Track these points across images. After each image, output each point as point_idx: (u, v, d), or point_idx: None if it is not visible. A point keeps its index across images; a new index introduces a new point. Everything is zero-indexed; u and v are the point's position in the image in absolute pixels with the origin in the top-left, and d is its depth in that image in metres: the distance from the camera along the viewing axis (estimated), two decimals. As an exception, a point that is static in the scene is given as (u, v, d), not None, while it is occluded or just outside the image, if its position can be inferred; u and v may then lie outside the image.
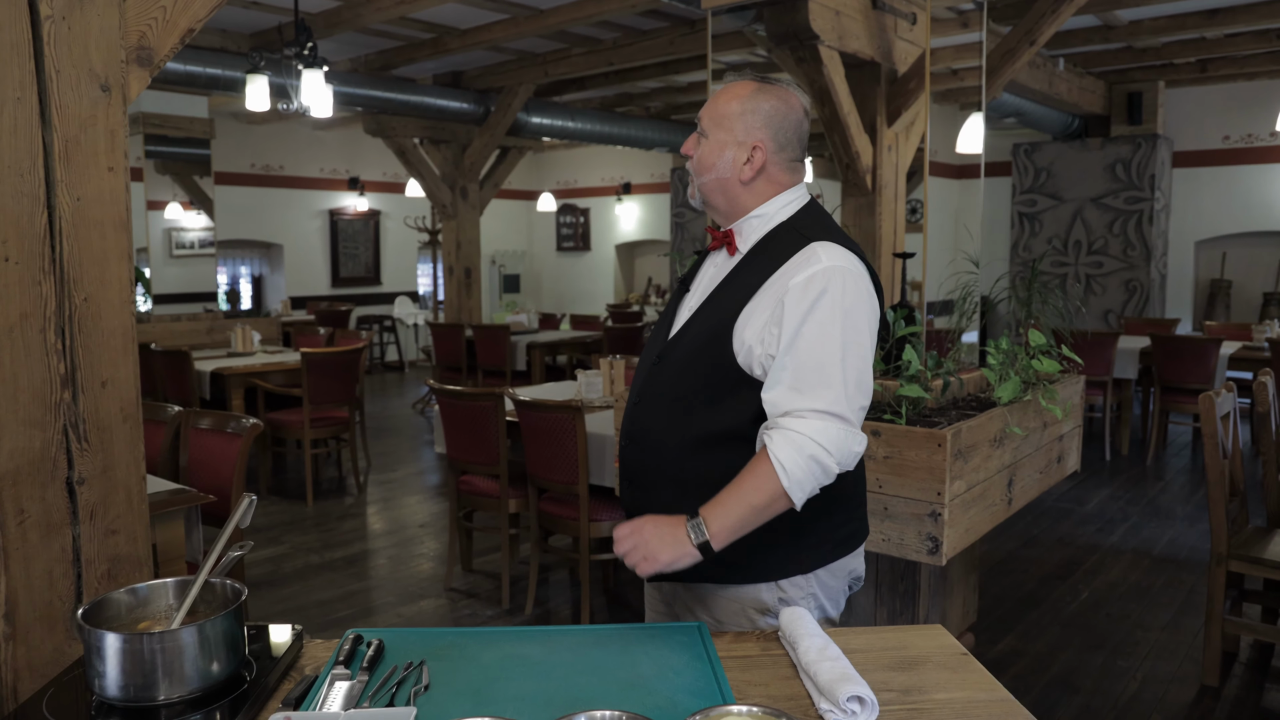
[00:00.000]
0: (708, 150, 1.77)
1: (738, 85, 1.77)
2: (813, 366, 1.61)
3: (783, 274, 1.67)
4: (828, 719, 1.34)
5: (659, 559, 1.59)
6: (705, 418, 1.72)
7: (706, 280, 1.82)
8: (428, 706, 1.37)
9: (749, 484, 1.60)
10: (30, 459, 2.00)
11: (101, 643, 1.33)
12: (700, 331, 1.74)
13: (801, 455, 1.58)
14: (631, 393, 1.87)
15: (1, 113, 1.91)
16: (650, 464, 1.79)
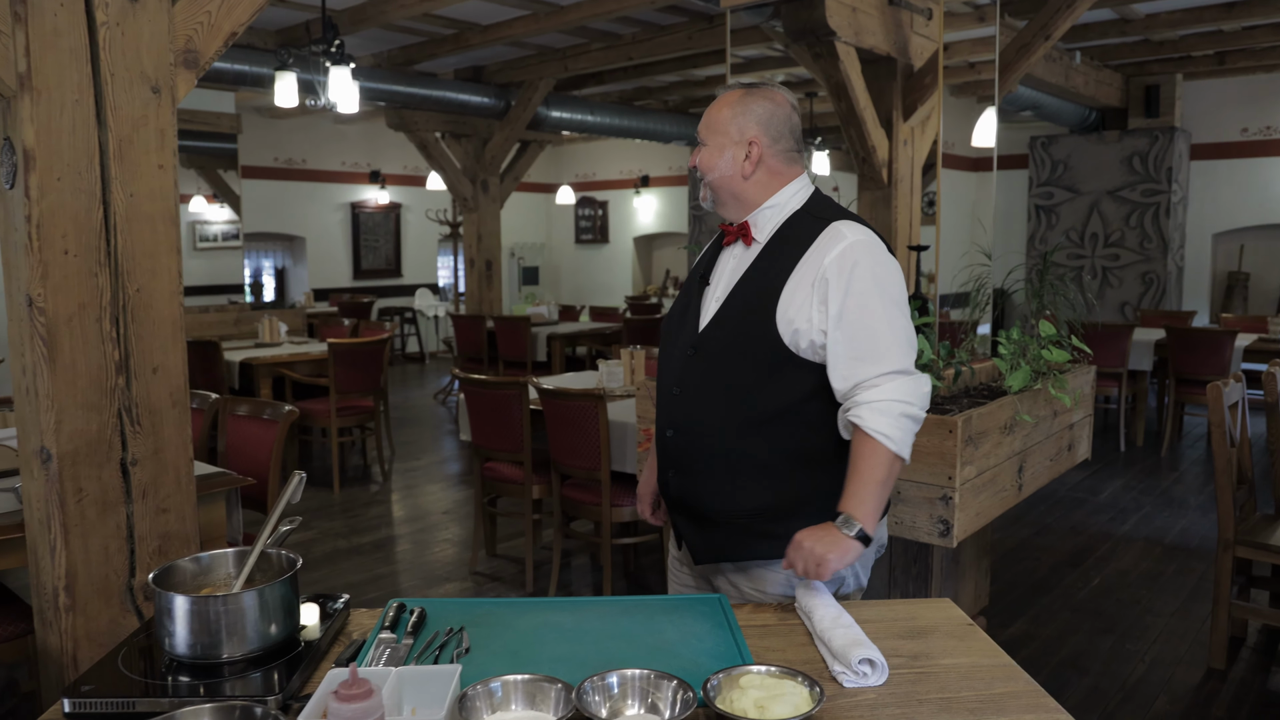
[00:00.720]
0: (708, 155, 1.90)
1: (726, 94, 1.92)
2: (866, 336, 1.75)
3: (813, 255, 1.79)
4: (841, 680, 1.45)
5: (829, 560, 1.70)
6: (753, 400, 1.82)
7: (728, 271, 1.92)
8: (470, 667, 1.48)
9: (865, 466, 1.73)
10: (88, 441, 2.13)
11: (172, 604, 1.45)
12: (737, 319, 1.84)
13: (893, 417, 1.72)
14: (668, 384, 1.95)
15: (62, 114, 2.04)
16: (700, 450, 1.88)
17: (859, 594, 1.95)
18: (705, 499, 1.88)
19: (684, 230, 13.49)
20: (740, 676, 1.36)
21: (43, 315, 2.03)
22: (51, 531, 2.11)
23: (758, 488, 1.84)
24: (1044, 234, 10.07)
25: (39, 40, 1.98)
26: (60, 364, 2.07)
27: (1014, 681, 1.47)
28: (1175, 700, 3.23)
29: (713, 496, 1.87)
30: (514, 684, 1.35)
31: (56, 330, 2.05)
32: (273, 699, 1.36)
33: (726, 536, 1.88)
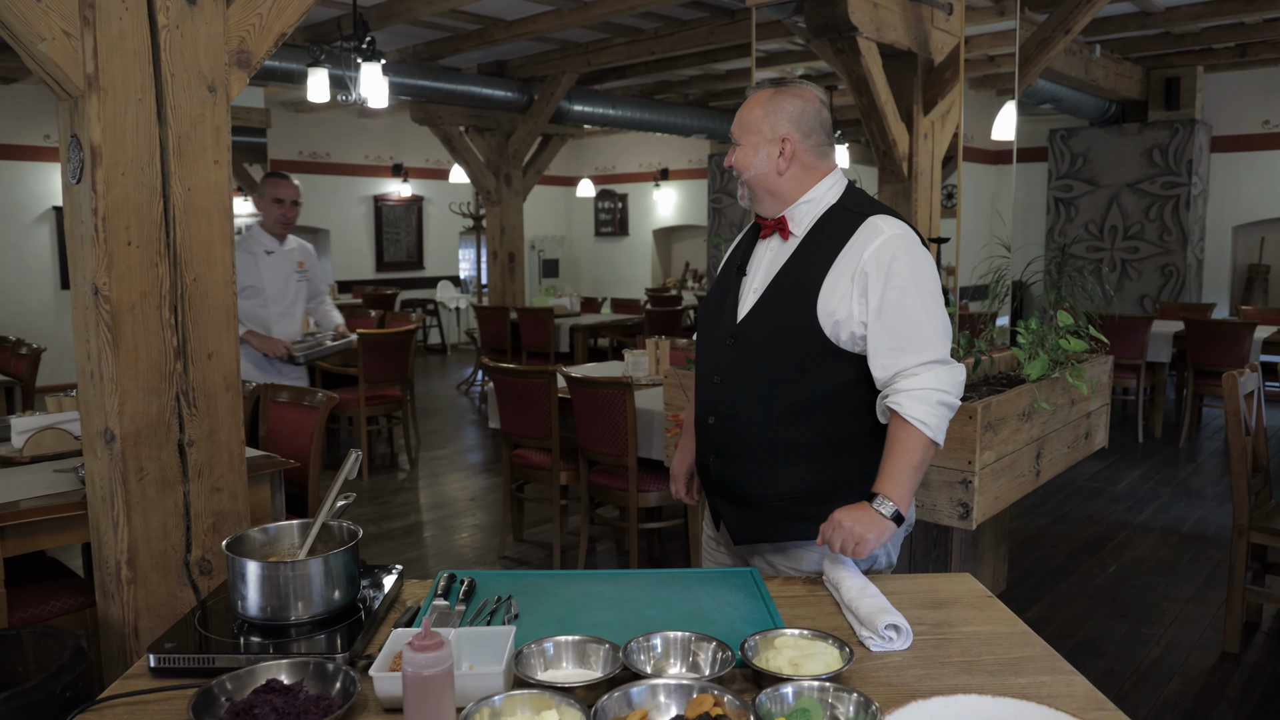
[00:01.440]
0: (743, 154, 1.97)
1: (758, 94, 1.99)
2: (905, 327, 1.83)
3: (851, 249, 1.86)
4: (868, 644, 1.55)
5: (868, 539, 1.78)
6: (794, 389, 1.90)
7: (765, 264, 1.99)
8: (520, 630, 1.58)
9: (901, 451, 1.82)
10: (148, 422, 2.24)
11: (244, 569, 1.57)
12: (777, 309, 1.92)
13: (930, 405, 1.81)
14: (708, 373, 2.03)
15: (126, 113, 2.15)
16: (741, 436, 1.97)
17: (889, 570, 2.04)
18: (746, 483, 1.97)
19: (703, 223, 13.57)
20: (775, 638, 1.47)
21: (108, 303, 2.15)
22: (114, 508, 2.23)
23: (797, 472, 1.93)
24: (1063, 227, 10.10)
25: (106, 43, 2.09)
26: (123, 349, 2.18)
27: (1031, 647, 1.57)
28: (1189, 682, 3.31)
29: (753, 481, 1.96)
30: (565, 644, 1.46)
31: (120, 317, 2.17)
32: (340, 656, 1.47)
33: (766, 518, 1.97)
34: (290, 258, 4.43)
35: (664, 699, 1.28)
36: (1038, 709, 1.25)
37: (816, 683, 1.30)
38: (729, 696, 1.25)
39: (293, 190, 4.35)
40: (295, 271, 4.44)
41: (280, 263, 4.38)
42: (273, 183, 4.31)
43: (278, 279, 4.36)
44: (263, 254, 4.32)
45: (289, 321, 4.44)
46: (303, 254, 4.52)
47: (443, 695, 1.19)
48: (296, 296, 4.46)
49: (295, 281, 4.44)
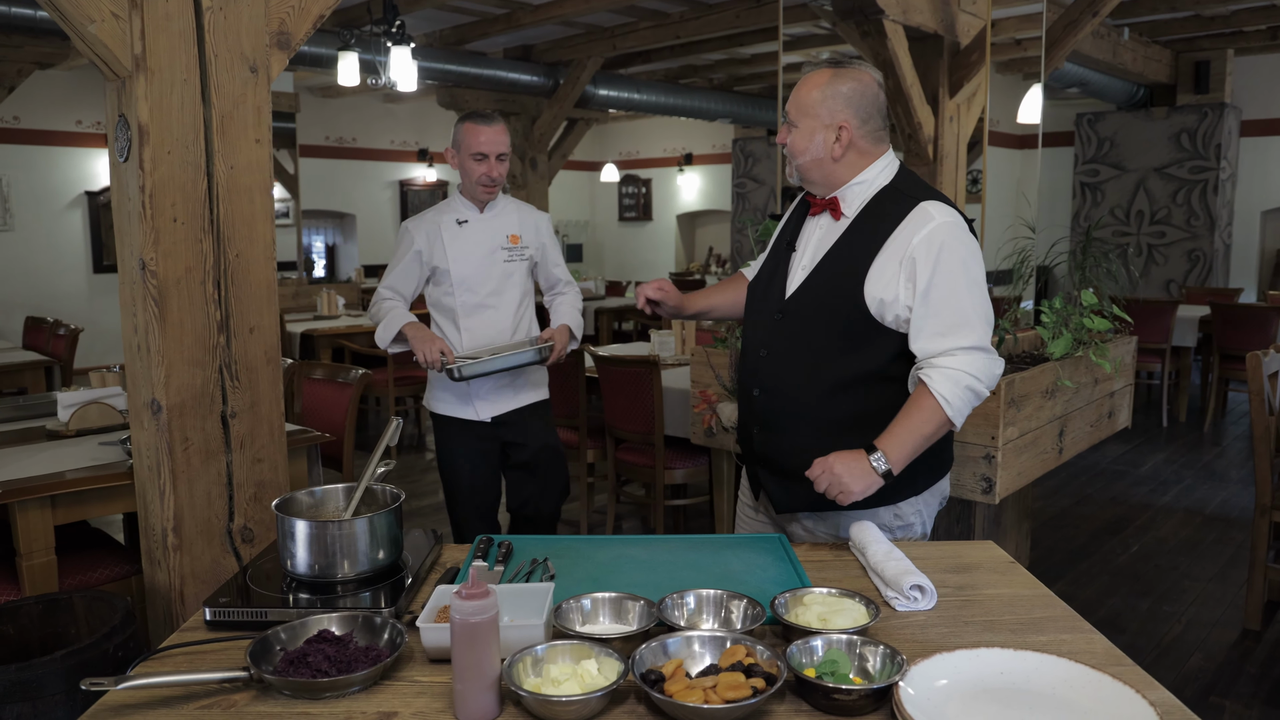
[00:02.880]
0: (799, 137, 1.96)
1: (815, 75, 1.97)
2: (950, 312, 1.85)
3: (901, 233, 1.88)
4: (894, 604, 1.60)
5: (852, 490, 1.82)
6: (839, 364, 1.95)
7: (815, 242, 2.01)
8: (557, 589, 1.64)
9: (917, 417, 1.85)
10: (193, 394, 2.32)
11: (294, 528, 1.64)
12: (825, 288, 1.95)
13: (959, 387, 1.84)
14: (755, 346, 2.07)
15: (171, 92, 2.22)
16: (786, 409, 2.01)
17: (924, 539, 2.09)
18: (789, 454, 2.01)
19: (727, 208, 13.57)
20: (804, 596, 1.52)
21: (154, 278, 2.22)
22: (161, 477, 2.30)
23: (839, 444, 1.93)
24: (1089, 211, 10.04)
25: (153, 24, 2.16)
26: (169, 323, 2.25)
27: (1052, 608, 1.61)
28: (1210, 658, 3.34)
29: (797, 452, 1.99)
30: (602, 600, 1.52)
31: (166, 292, 2.24)
32: (387, 611, 1.54)
33: (808, 488, 1.97)
34: (494, 229, 3.12)
35: (698, 649, 1.34)
36: (1058, 661, 1.30)
37: (845, 636, 1.36)
38: (760, 647, 1.31)
39: (495, 137, 3.01)
40: (504, 247, 3.12)
41: (477, 235, 3.10)
42: (467, 129, 3.02)
43: (470, 257, 3.09)
44: (452, 224, 3.11)
45: (492, 318, 3.13)
46: (520, 223, 3.18)
47: (489, 642, 1.25)
48: (505, 282, 3.13)
49: (503, 261, 3.11)
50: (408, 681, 1.36)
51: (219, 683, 1.34)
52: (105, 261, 9.93)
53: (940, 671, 1.28)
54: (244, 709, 1.29)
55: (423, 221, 3.13)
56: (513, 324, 3.16)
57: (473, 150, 3.00)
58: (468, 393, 3.12)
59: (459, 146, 3.03)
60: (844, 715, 1.24)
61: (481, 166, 3.01)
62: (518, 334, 3.18)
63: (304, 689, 1.30)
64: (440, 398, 3.18)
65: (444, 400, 3.17)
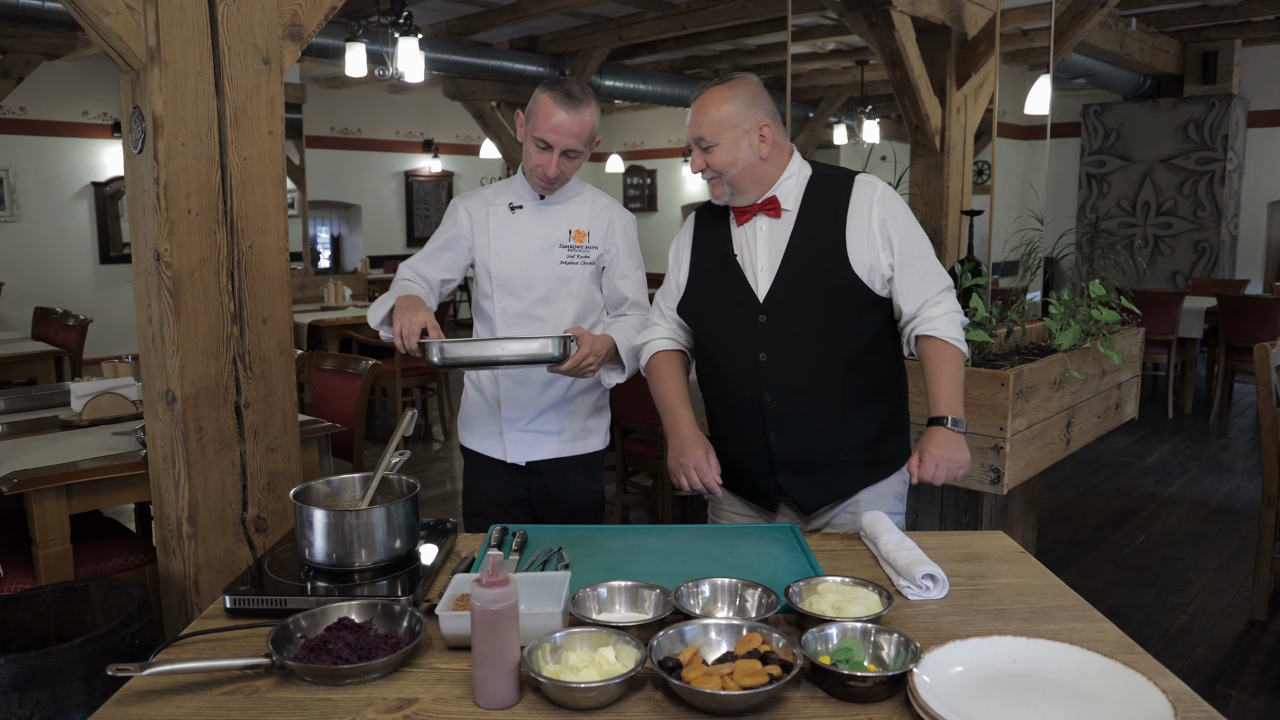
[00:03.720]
0: (723, 152, 2.00)
1: (712, 94, 2.02)
2: (922, 262, 2.02)
3: (857, 206, 2.01)
4: (906, 593, 1.61)
5: (967, 460, 1.98)
6: (841, 343, 2.01)
7: (764, 243, 2.05)
8: (572, 578, 1.65)
9: (950, 370, 2.00)
10: (207, 384, 2.33)
11: (312, 517, 1.65)
12: (806, 276, 2.00)
13: (957, 325, 2.02)
14: (745, 354, 2.04)
15: (185, 84, 2.23)
16: (802, 404, 2.03)
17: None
18: (815, 448, 2.05)
19: (731, 199, 13.55)
20: (818, 584, 1.54)
21: (169, 269, 2.23)
22: (175, 467, 2.32)
23: (859, 422, 2.05)
24: (1095, 202, 10.03)
25: (167, 16, 2.17)
26: (184, 313, 2.27)
27: (1063, 597, 1.63)
28: (1216, 648, 3.36)
29: (823, 443, 2.04)
30: (618, 588, 1.54)
31: (181, 283, 2.25)
32: (405, 599, 1.56)
33: (835, 476, 2.05)
34: (554, 220, 2.41)
35: (715, 637, 1.36)
36: (1069, 649, 1.32)
37: (859, 624, 1.37)
38: (776, 635, 1.33)
39: (571, 128, 2.26)
40: (563, 244, 2.40)
41: (530, 226, 2.40)
42: (543, 105, 2.26)
43: (518, 252, 2.39)
44: (503, 209, 2.42)
45: (542, 330, 2.38)
46: (591, 216, 2.44)
47: (509, 630, 1.27)
48: (560, 288, 2.40)
49: (560, 261, 2.39)
50: (427, 668, 1.38)
51: (241, 669, 1.36)
52: (112, 252, 9.95)
53: (954, 659, 1.29)
54: (266, 695, 1.31)
55: (472, 200, 2.47)
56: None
57: (538, 133, 2.25)
58: (497, 428, 2.47)
59: (529, 118, 2.30)
60: (859, 702, 1.25)
61: (541, 156, 2.27)
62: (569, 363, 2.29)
63: (325, 676, 1.32)
64: (470, 428, 2.55)
65: (473, 432, 2.55)
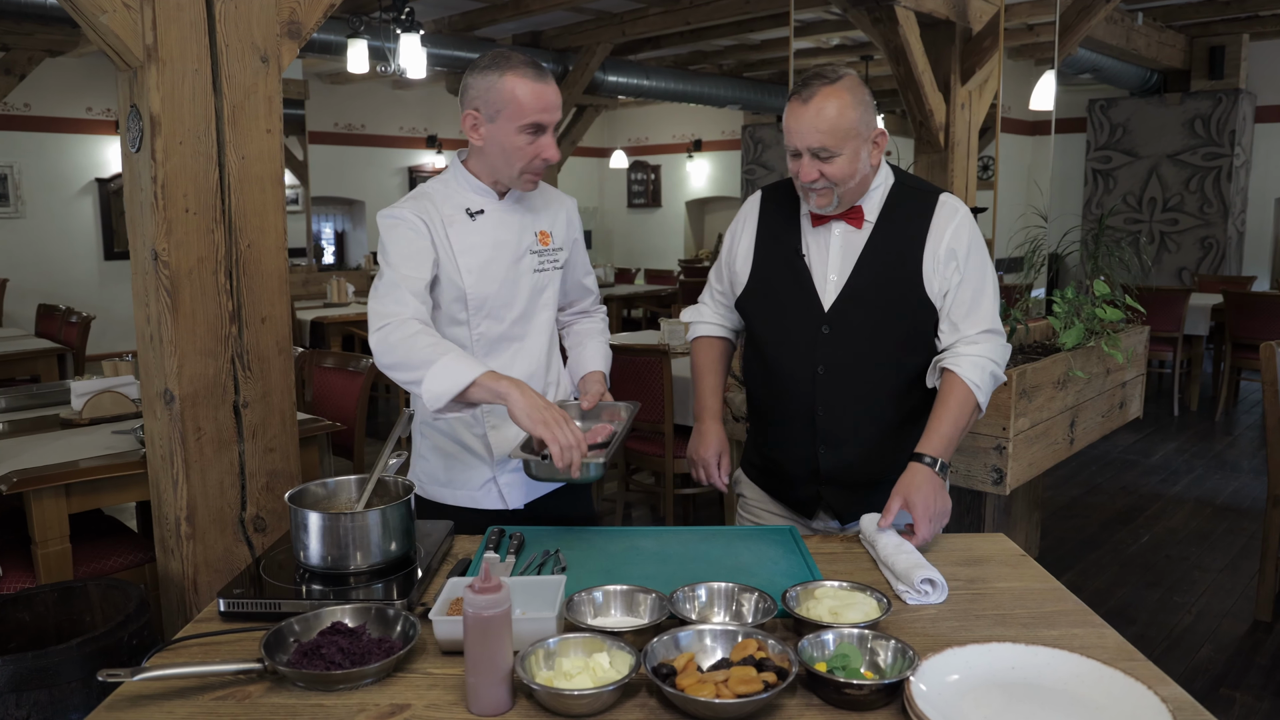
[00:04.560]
0: (846, 162, 1.85)
1: (834, 97, 1.83)
2: (976, 296, 1.93)
3: (937, 227, 1.93)
4: (905, 598, 1.60)
5: (948, 508, 1.86)
6: (901, 365, 1.97)
7: (837, 251, 1.97)
8: (568, 581, 1.64)
9: (955, 412, 1.88)
10: (205, 384, 2.32)
11: (307, 520, 1.64)
12: (876, 291, 1.93)
13: (985, 373, 1.90)
14: (803, 366, 1.98)
15: (183, 83, 2.22)
16: (857, 422, 1.98)
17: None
18: (864, 465, 2.00)
19: (736, 195, 13.54)
20: (815, 589, 1.52)
21: (167, 268, 2.22)
22: (174, 466, 2.31)
23: (904, 442, 1.97)
24: (1101, 198, 9.98)
25: (164, 14, 2.16)
26: (182, 313, 2.26)
27: (1063, 602, 1.61)
28: (1220, 649, 3.34)
29: (872, 462, 2.00)
30: (614, 592, 1.52)
31: (179, 282, 2.24)
32: (399, 603, 1.54)
33: (880, 493, 1.97)
34: (520, 222, 2.07)
35: (710, 643, 1.35)
36: (1069, 657, 1.30)
37: (856, 630, 1.36)
38: (772, 641, 1.31)
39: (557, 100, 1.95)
40: (533, 250, 2.08)
41: (497, 232, 2.03)
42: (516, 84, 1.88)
43: (491, 266, 2.02)
44: (461, 216, 2.01)
45: (520, 357, 2.09)
46: (550, 216, 2.14)
47: (501, 636, 1.25)
48: (536, 302, 2.10)
49: (533, 270, 2.08)
50: (421, 673, 1.37)
51: (234, 674, 1.35)
52: (116, 249, 9.96)
53: (951, 666, 1.28)
54: (258, 700, 1.30)
55: (414, 210, 1.99)
56: (544, 364, 2.12)
57: (527, 119, 1.88)
58: (490, 473, 2.10)
59: (496, 110, 1.89)
60: (855, 710, 1.24)
61: (535, 145, 1.91)
62: (548, 378, 2.13)
63: (318, 681, 1.31)
64: (449, 482, 2.13)
65: (455, 487, 2.13)
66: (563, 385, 2.19)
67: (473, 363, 1.76)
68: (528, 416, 1.69)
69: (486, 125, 1.91)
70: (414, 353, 1.79)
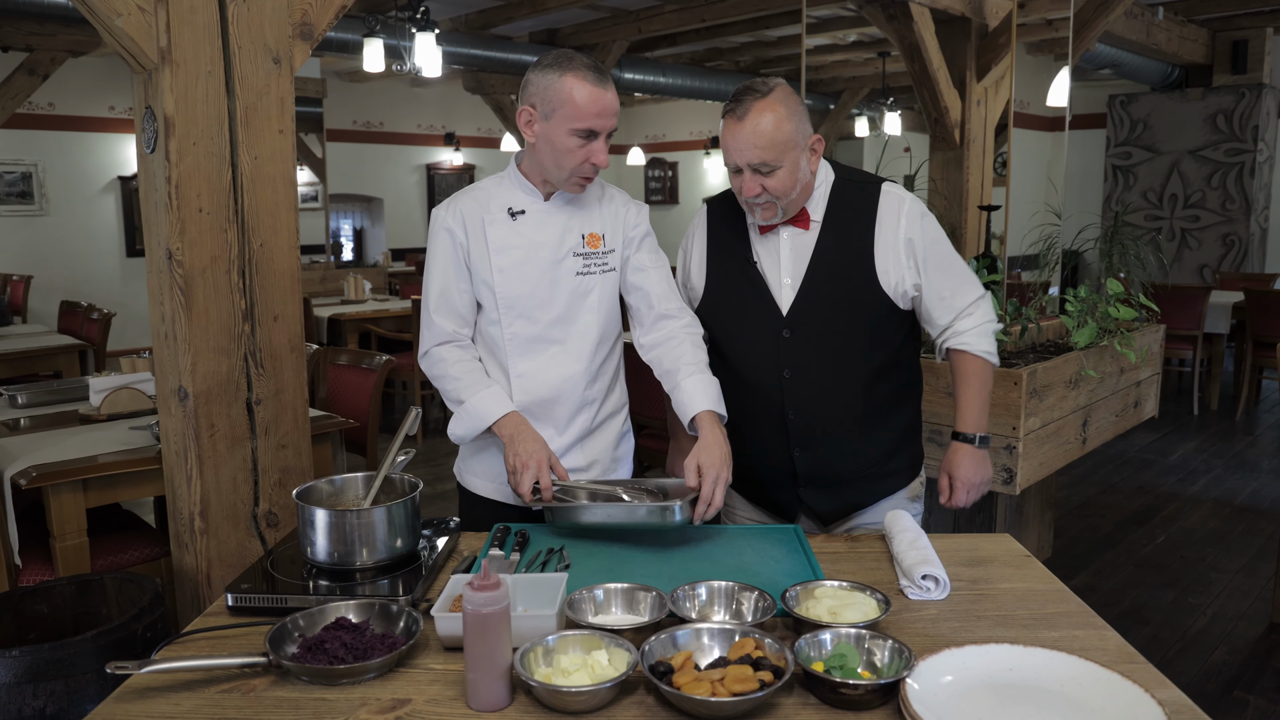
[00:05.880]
0: (787, 174, 1.85)
1: (766, 111, 1.82)
2: (952, 272, 2.00)
3: (885, 220, 1.95)
4: (907, 593, 1.61)
5: (989, 477, 2.06)
6: (865, 359, 1.98)
7: (788, 254, 1.97)
8: (571, 579, 1.66)
9: (979, 385, 2.04)
10: (218, 381, 2.36)
11: (314, 517, 1.66)
12: (832, 292, 1.94)
13: (989, 337, 2.03)
14: (768, 370, 1.99)
15: (196, 84, 2.25)
16: (829, 421, 2.00)
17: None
18: (840, 463, 2.02)
19: (753, 191, 13.49)
20: (815, 589, 1.53)
21: (181, 267, 2.25)
22: (188, 463, 2.35)
23: (882, 436, 2.03)
24: (1120, 195, 9.90)
25: (178, 17, 2.18)
26: (196, 311, 2.29)
27: (1066, 604, 1.61)
28: (1234, 651, 3.32)
29: (847, 459, 2.02)
30: (615, 590, 1.54)
31: (192, 281, 2.27)
32: (404, 599, 1.56)
33: (857, 489, 2.05)
34: (563, 224, 2.04)
35: (708, 641, 1.36)
36: (1067, 658, 1.30)
37: (854, 630, 1.36)
38: (769, 640, 1.32)
39: (614, 105, 1.92)
40: (577, 253, 2.04)
41: (537, 233, 2.03)
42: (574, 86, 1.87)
43: (525, 267, 2.03)
44: (501, 215, 2.03)
45: (558, 362, 2.07)
46: (603, 214, 2.09)
47: (500, 633, 1.27)
48: (578, 305, 2.05)
49: (575, 273, 2.04)
50: (422, 669, 1.39)
51: (239, 668, 1.37)
52: (138, 246, 10.05)
53: (948, 667, 1.28)
54: (262, 694, 1.33)
55: (458, 209, 2.04)
56: (587, 373, 2.07)
57: (581, 123, 1.88)
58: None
59: (552, 109, 1.88)
60: (851, 709, 1.25)
61: (586, 149, 1.90)
62: (592, 389, 2.10)
63: (321, 675, 1.33)
64: (478, 471, 2.20)
65: (484, 478, 2.18)
66: (612, 400, 2.19)
67: (487, 409, 1.98)
68: (506, 449, 1.95)
69: (541, 123, 1.92)
70: (445, 391, 2.09)
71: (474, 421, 1.99)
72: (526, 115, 1.93)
